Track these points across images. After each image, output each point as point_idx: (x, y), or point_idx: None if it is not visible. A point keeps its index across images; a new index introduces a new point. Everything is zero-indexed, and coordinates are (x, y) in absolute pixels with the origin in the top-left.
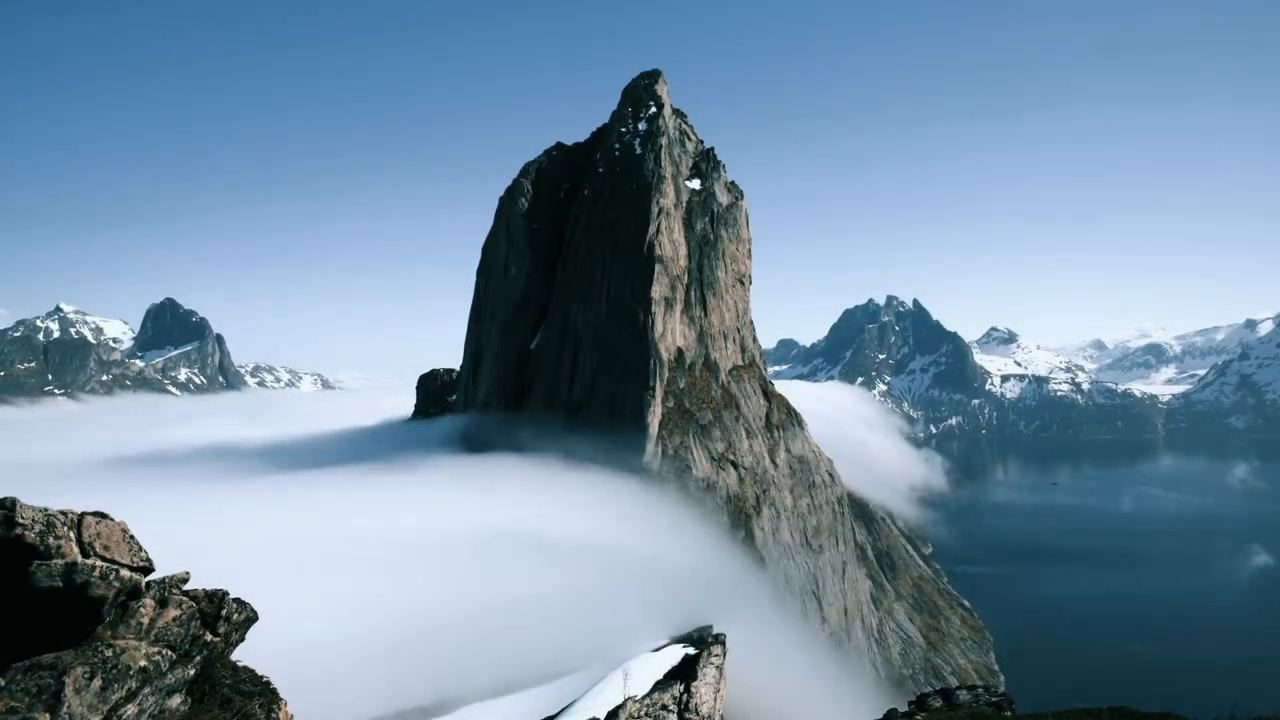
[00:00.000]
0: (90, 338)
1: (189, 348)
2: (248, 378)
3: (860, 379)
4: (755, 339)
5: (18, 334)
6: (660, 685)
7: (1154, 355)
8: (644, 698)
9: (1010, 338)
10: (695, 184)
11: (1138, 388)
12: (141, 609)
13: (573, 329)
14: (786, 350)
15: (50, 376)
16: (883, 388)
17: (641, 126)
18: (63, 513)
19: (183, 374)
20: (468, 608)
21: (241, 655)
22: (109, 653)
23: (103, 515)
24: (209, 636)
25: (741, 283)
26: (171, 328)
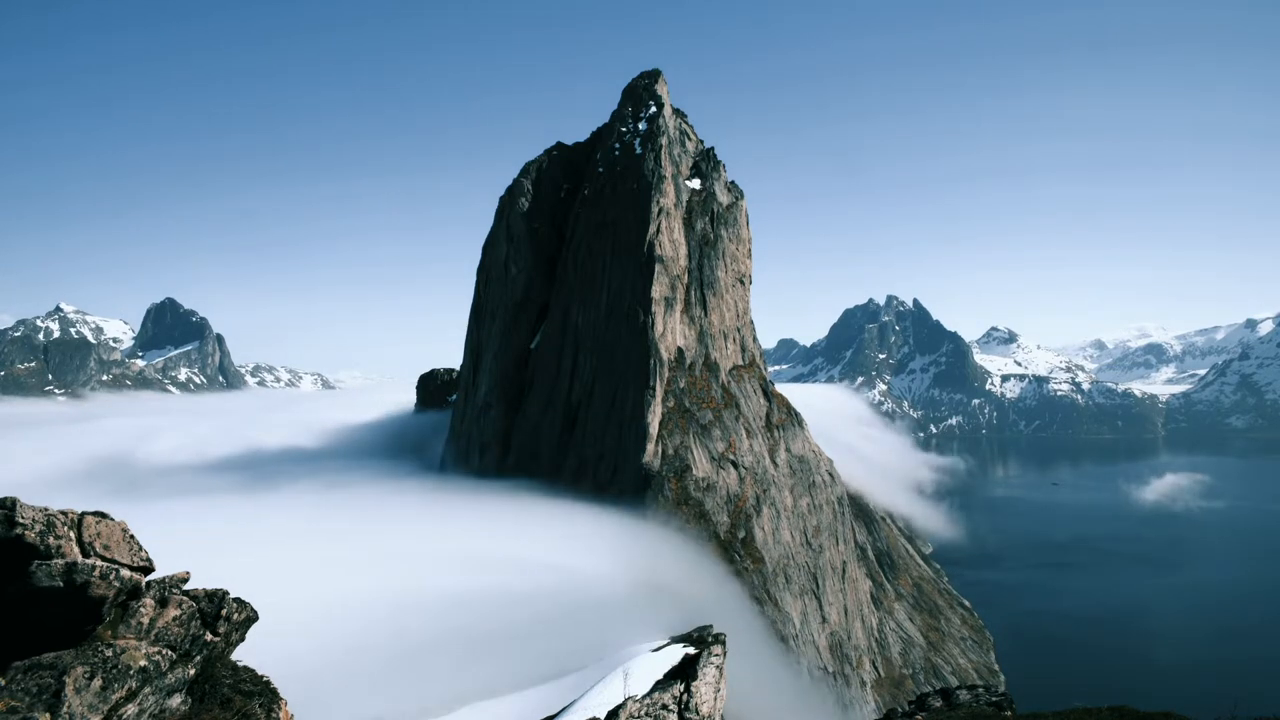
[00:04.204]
0: (90, 337)
1: (189, 347)
2: (248, 377)
3: (860, 379)
4: (755, 339)
5: (18, 334)
6: (660, 685)
7: (1154, 355)
8: (644, 697)
9: (1010, 338)
10: (695, 184)
11: (1138, 387)
12: (142, 609)
13: (573, 329)
14: (786, 350)
15: (50, 376)
16: (883, 387)
17: (641, 126)
18: (63, 512)
19: (183, 374)
20: (467, 608)
21: (241, 655)
22: (109, 652)
23: (103, 515)
24: (209, 636)
25: (741, 282)
26: (172, 327)
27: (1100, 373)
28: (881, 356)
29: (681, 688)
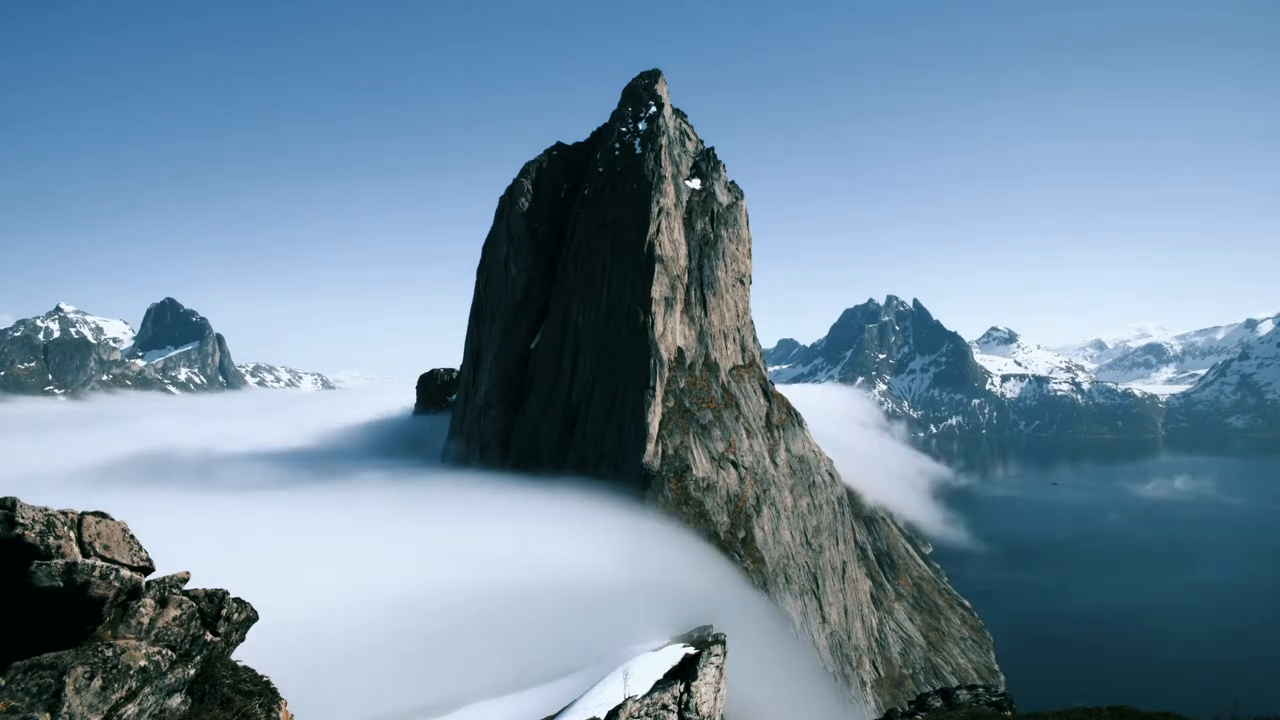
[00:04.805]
0: (90, 337)
1: (189, 347)
2: (248, 377)
3: (860, 379)
4: (755, 339)
5: (18, 334)
6: (660, 685)
7: (1154, 355)
8: (644, 697)
9: (1010, 338)
10: (695, 184)
11: (1138, 387)
12: (142, 609)
13: (573, 329)
14: (786, 350)
15: (50, 376)
16: (883, 387)
17: (642, 126)
18: (63, 512)
19: (183, 374)
20: (467, 608)
21: (241, 655)
22: (109, 652)
23: (103, 515)
24: (209, 636)
25: (741, 282)
26: (172, 327)
27: (1100, 373)
28: (881, 356)
29: (681, 688)
